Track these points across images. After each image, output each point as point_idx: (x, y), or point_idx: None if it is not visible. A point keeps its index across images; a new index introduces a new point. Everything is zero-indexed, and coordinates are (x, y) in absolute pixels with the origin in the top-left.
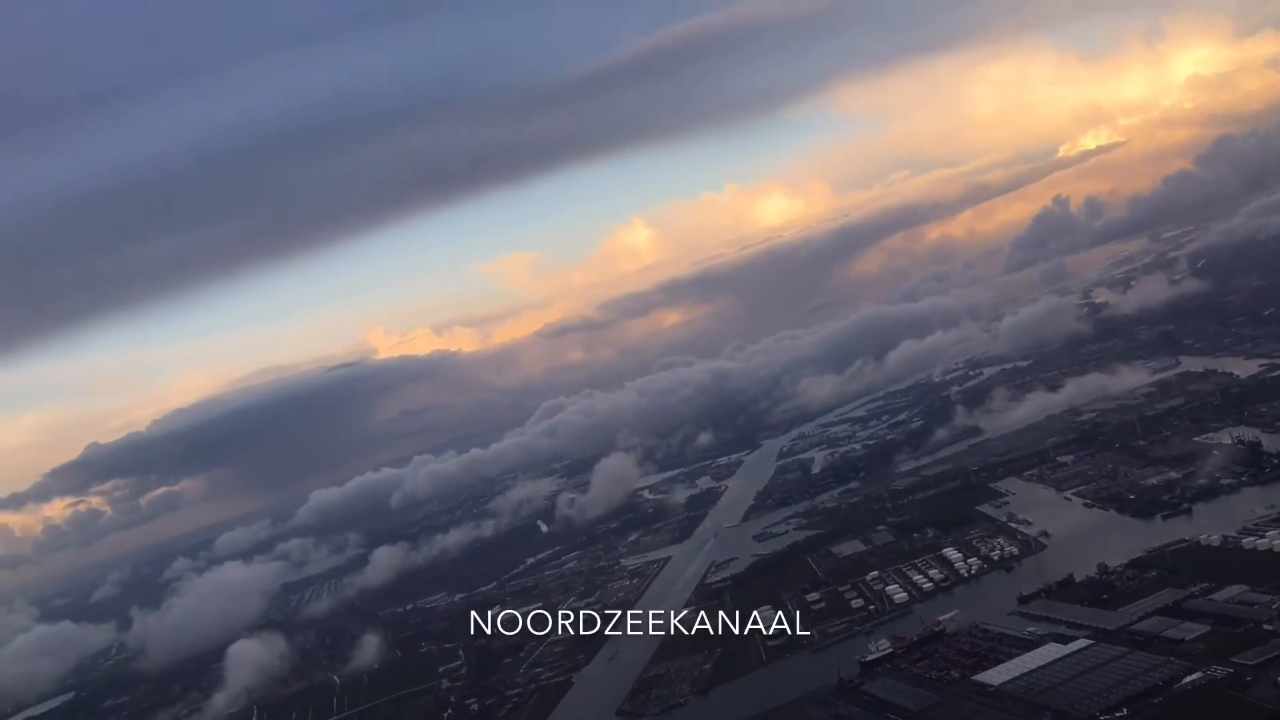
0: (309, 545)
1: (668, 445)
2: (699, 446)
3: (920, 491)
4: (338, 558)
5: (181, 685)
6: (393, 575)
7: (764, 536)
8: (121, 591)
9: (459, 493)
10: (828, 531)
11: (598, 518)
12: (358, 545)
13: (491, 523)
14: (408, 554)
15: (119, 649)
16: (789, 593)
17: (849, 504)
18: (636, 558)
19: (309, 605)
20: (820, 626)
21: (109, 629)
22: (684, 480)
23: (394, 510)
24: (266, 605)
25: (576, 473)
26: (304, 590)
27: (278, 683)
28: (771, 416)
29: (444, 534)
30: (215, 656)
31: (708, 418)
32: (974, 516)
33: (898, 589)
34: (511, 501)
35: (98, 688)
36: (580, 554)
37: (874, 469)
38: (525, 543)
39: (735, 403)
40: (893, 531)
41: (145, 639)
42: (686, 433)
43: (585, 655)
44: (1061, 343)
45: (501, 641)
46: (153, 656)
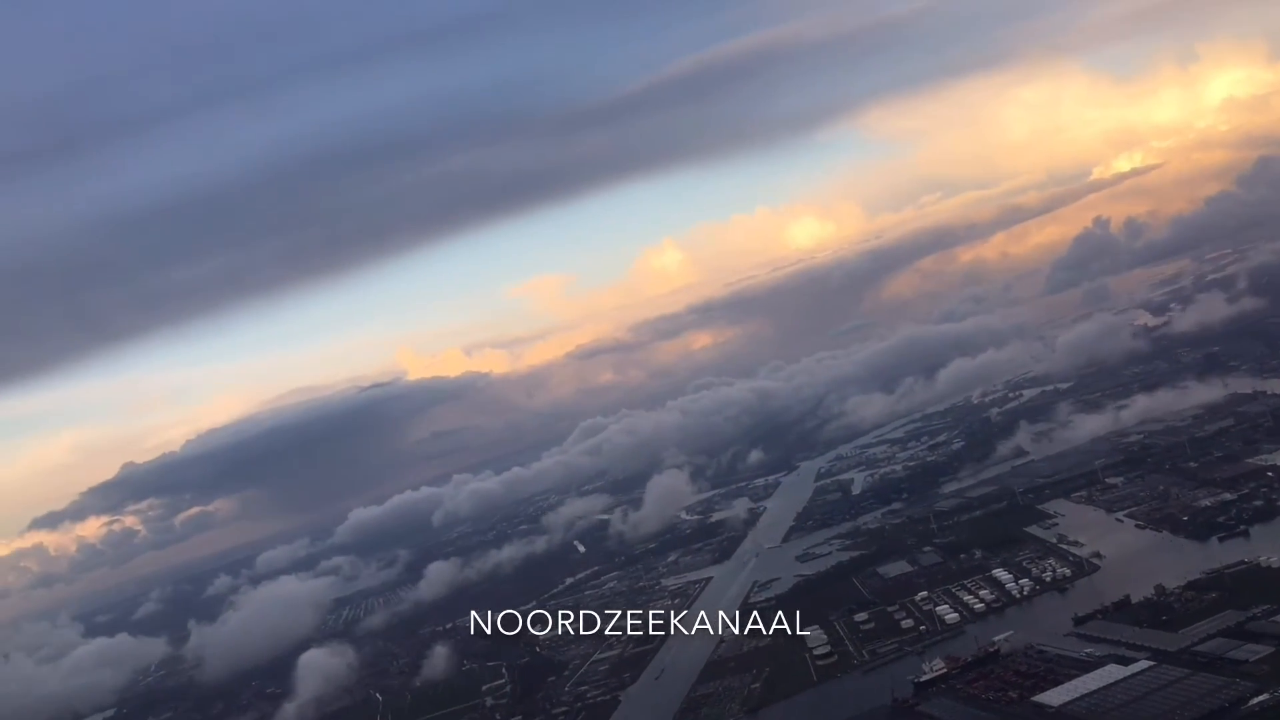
0: (358, 562)
1: (718, 462)
2: (751, 464)
3: (965, 513)
4: (386, 574)
5: (250, 694)
6: (443, 591)
7: (806, 557)
8: (165, 608)
9: (499, 512)
10: (872, 552)
11: (647, 535)
12: (405, 562)
13: (532, 541)
14: (458, 570)
15: (175, 661)
16: (836, 613)
17: (892, 525)
18: (677, 578)
19: (356, 621)
20: (870, 647)
21: (162, 642)
22: (720, 502)
23: (435, 528)
24: (319, 619)
25: (620, 490)
26: (352, 605)
27: (317, 700)
28: (822, 434)
29: (484, 552)
30: (273, 668)
31: (753, 436)
32: (1023, 538)
33: (948, 609)
34: (561, 519)
35: (158, 697)
36: (619, 574)
37: (916, 490)
38: (563, 562)
39: (780, 422)
40: (939, 552)
41: (203, 651)
42: (737, 450)
43: (631, 674)
44: (1117, 360)
45: (545, 659)
46: (210, 668)
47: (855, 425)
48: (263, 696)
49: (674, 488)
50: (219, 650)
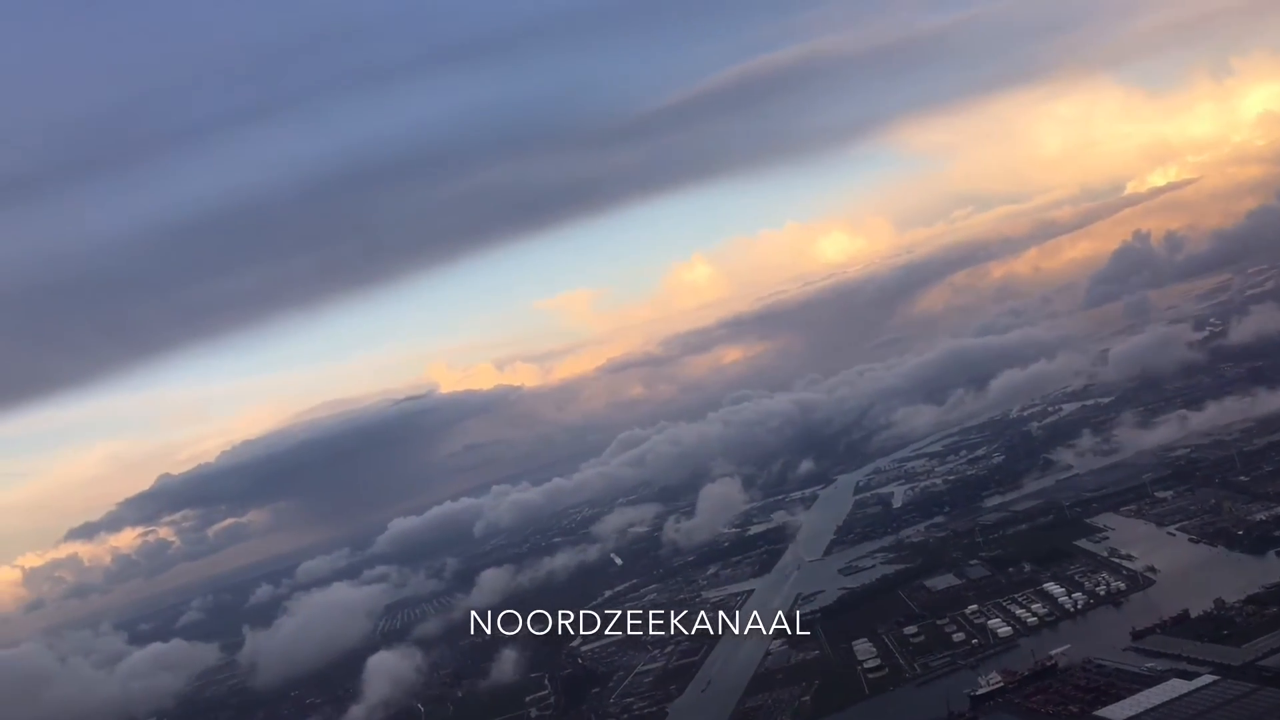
0: (406, 570)
1: (768, 472)
2: (801, 473)
3: (1011, 526)
4: (434, 582)
5: (289, 705)
6: (482, 601)
7: (849, 570)
8: (207, 617)
9: (541, 522)
10: (917, 565)
11: (700, 544)
12: (453, 571)
13: (578, 551)
14: (494, 582)
15: (230, 667)
16: (884, 625)
17: (936, 538)
18: (717, 590)
19: (406, 628)
20: (922, 660)
21: (214, 648)
22: (758, 515)
23: (477, 539)
24: (371, 626)
25: (666, 499)
26: (403, 612)
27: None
28: (871, 444)
29: (525, 563)
30: (326, 674)
31: (798, 447)
32: (1072, 551)
33: (1000, 623)
34: (609, 527)
35: (210, 703)
36: (658, 586)
37: (958, 504)
38: (601, 575)
39: (823, 433)
40: (987, 565)
41: (256, 657)
42: (788, 459)
43: (677, 686)
44: (1172, 372)
45: (587, 670)
46: (264, 674)
47: (905, 435)
48: (302, 706)
49: (727, 496)
50: (272, 656)
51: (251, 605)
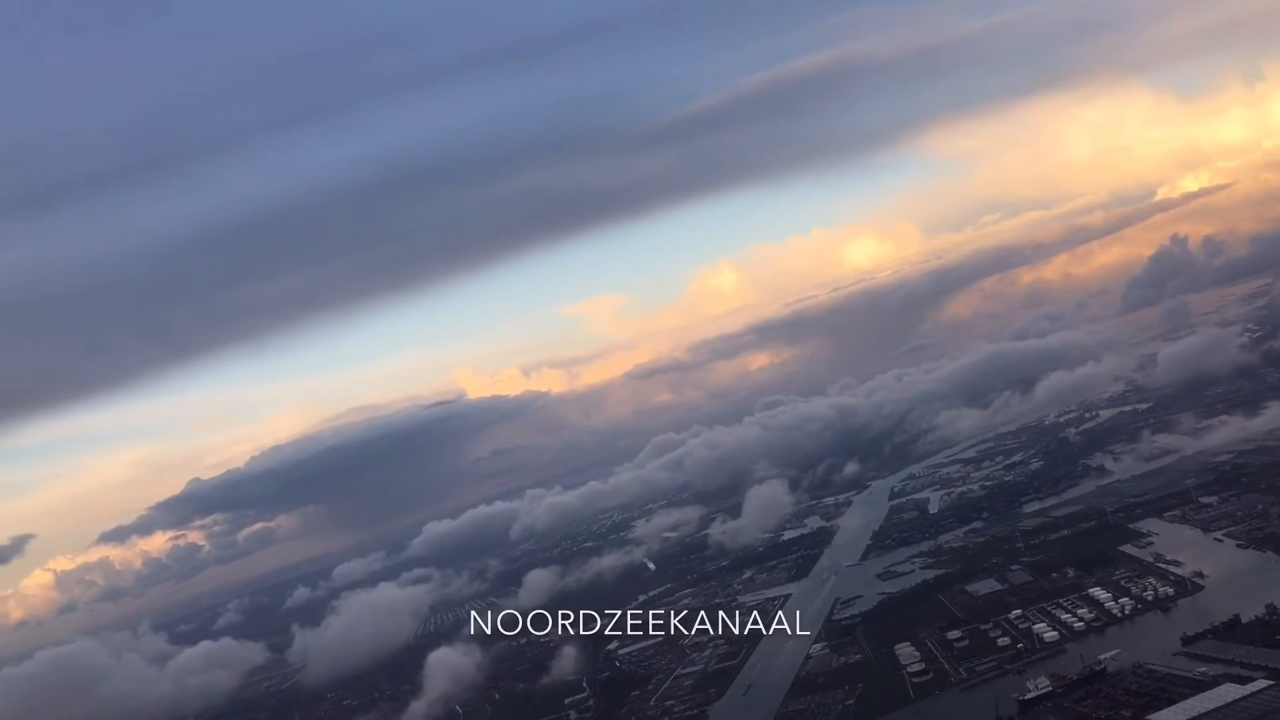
0: (449, 572)
1: (813, 474)
2: (847, 475)
3: (1052, 532)
4: (476, 584)
5: (326, 706)
6: (543, 598)
7: (888, 575)
8: (244, 618)
9: (577, 526)
10: (957, 571)
11: (746, 545)
12: (494, 573)
13: (616, 553)
14: (533, 587)
15: (279, 665)
16: (926, 630)
17: (975, 543)
18: (754, 595)
19: (448, 630)
20: (967, 664)
21: (261, 647)
22: (791, 520)
23: (513, 541)
24: (417, 626)
25: (702, 502)
26: (444, 613)
27: (396, 711)
28: (917, 447)
29: (560, 567)
30: (376, 671)
31: (838, 450)
32: (1117, 557)
33: (1046, 628)
34: (653, 529)
35: (273, 696)
36: (693, 591)
37: (997, 509)
38: (635, 579)
39: (863, 437)
40: (1029, 571)
41: (306, 655)
42: (833, 461)
43: (717, 689)
44: (1225, 374)
45: (625, 674)
46: (313, 672)
47: (950, 438)
48: (339, 708)
49: (774, 498)
50: (321, 654)
51: (289, 607)
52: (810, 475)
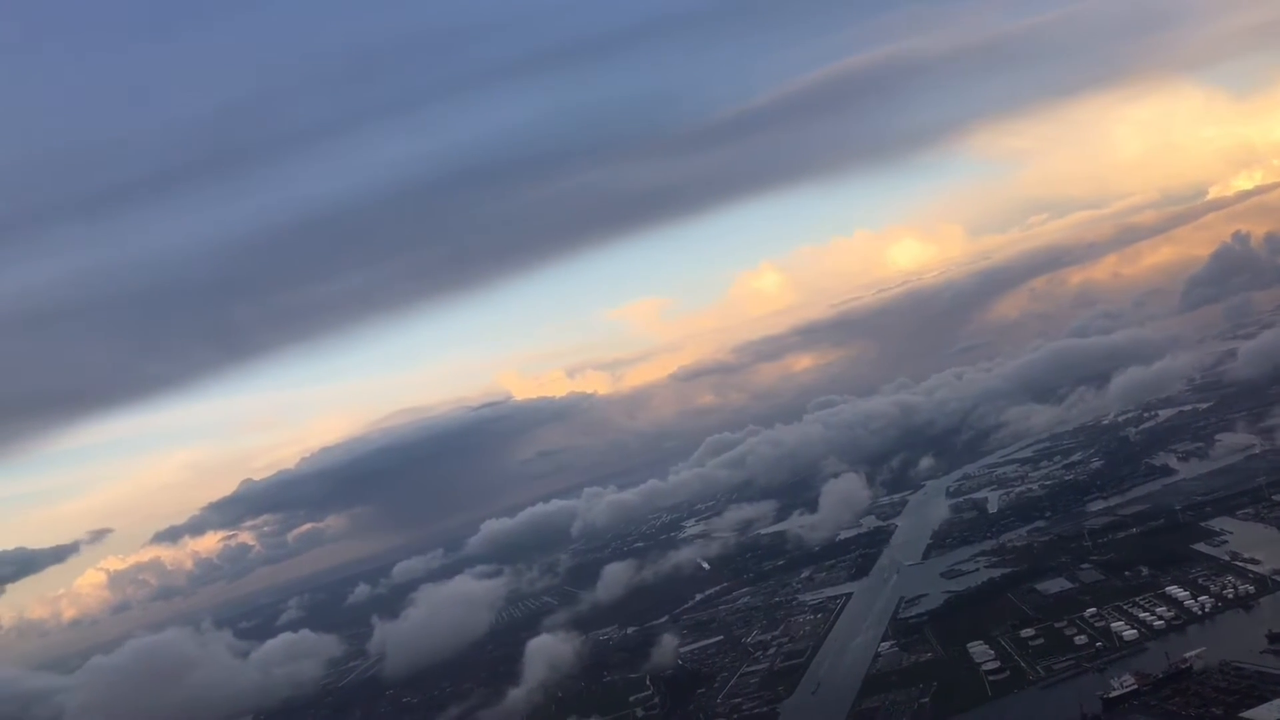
0: (520, 568)
1: (889, 468)
2: (921, 469)
3: (1120, 530)
4: (547, 578)
5: (386, 703)
6: (620, 591)
7: (952, 574)
8: (306, 614)
9: (638, 522)
10: (1024, 569)
11: (823, 540)
12: (564, 567)
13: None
14: (634, 572)
15: (358, 656)
16: (998, 628)
17: (1040, 542)
18: (813, 593)
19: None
20: (1044, 663)
21: (335, 639)
22: (848, 520)
23: (573, 538)
24: (493, 619)
25: (766, 498)
26: (518, 605)
27: (460, 706)
28: (989, 441)
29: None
30: (452, 662)
31: (903, 447)
32: (1190, 555)
33: (1125, 626)
34: (725, 523)
35: (357, 686)
36: (751, 590)
37: (1059, 508)
38: (691, 579)
39: (926, 434)
40: (1100, 570)
41: (386, 646)
42: (907, 456)
43: (785, 687)
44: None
45: (689, 672)
46: (392, 663)
47: (1022, 433)
48: (399, 706)
49: (851, 492)
50: (401, 646)
51: (352, 603)
52: (885, 469)
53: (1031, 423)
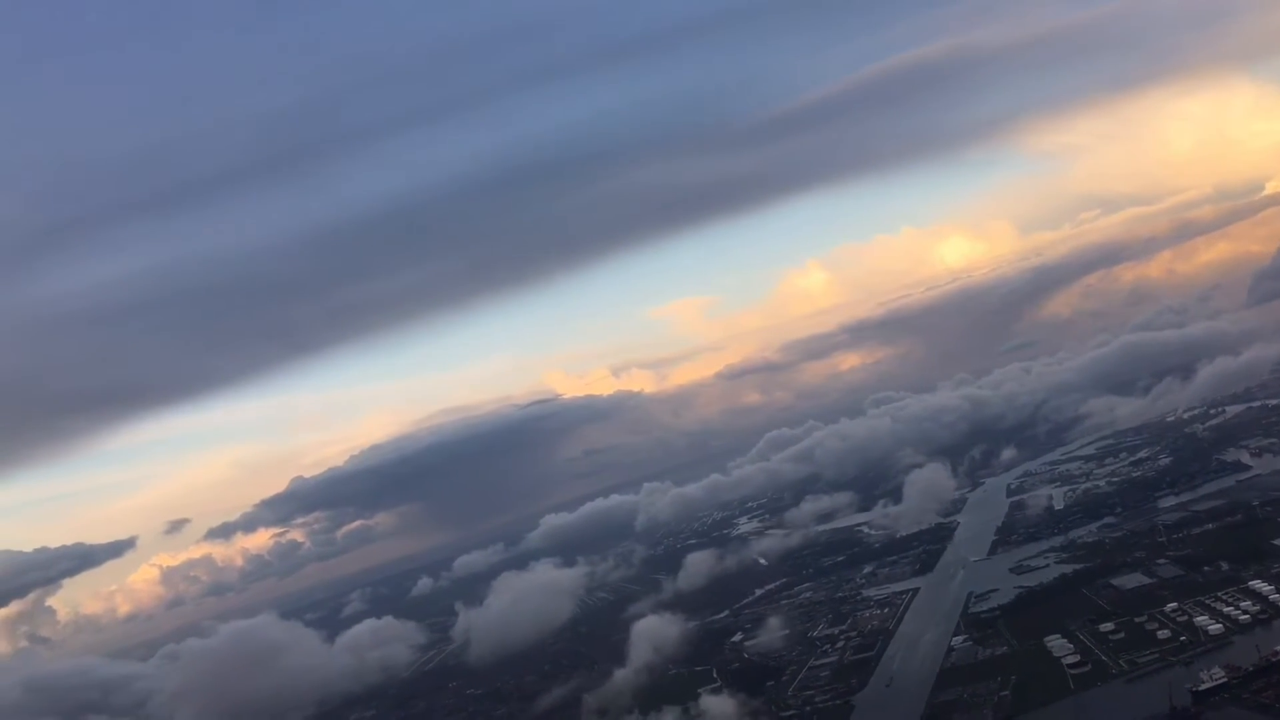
0: (596, 559)
1: (971, 458)
2: (1003, 460)
3: (1195, 526)
4: (622, 569)
5: (449, 695)
6: (702, 580)
7: (1021, 569)
8: (368, 607)
9: (703, 516)
10: (1096, 565)
11: (908, 532)
12: (639, 558)
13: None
14: (716, 561)
15: (443, 642)
16: (1075, 623)
17: (1112, 538)
18: (878, 589)
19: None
20: (1126, 656)
21: (414, 626)
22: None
23: (638, 532)
24: (574, 607)
25: (837, 491)
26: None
27: (520, 700)
28: (1072, 432)
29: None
30: (536, 650)
31: (976, 439)
32: (1271, 550)
33: (1209, 620)
34: (803, 515)
35: (448, 671)
36: (812, 585)
37: (1128, 505)
38: (749, 574)
39: (997, 428)
40: (1178, 565)
41: (470, 633)
42: (988, 447)
43: (857, 680)
44: None
45: (756, 665)
46: (476, 649)
47: (1105, 425)
48: (463, 697)
49: (936, 482)
50: (486, 632)
51: (415, 596)
52: (969, 460)
53: (1115, 414)
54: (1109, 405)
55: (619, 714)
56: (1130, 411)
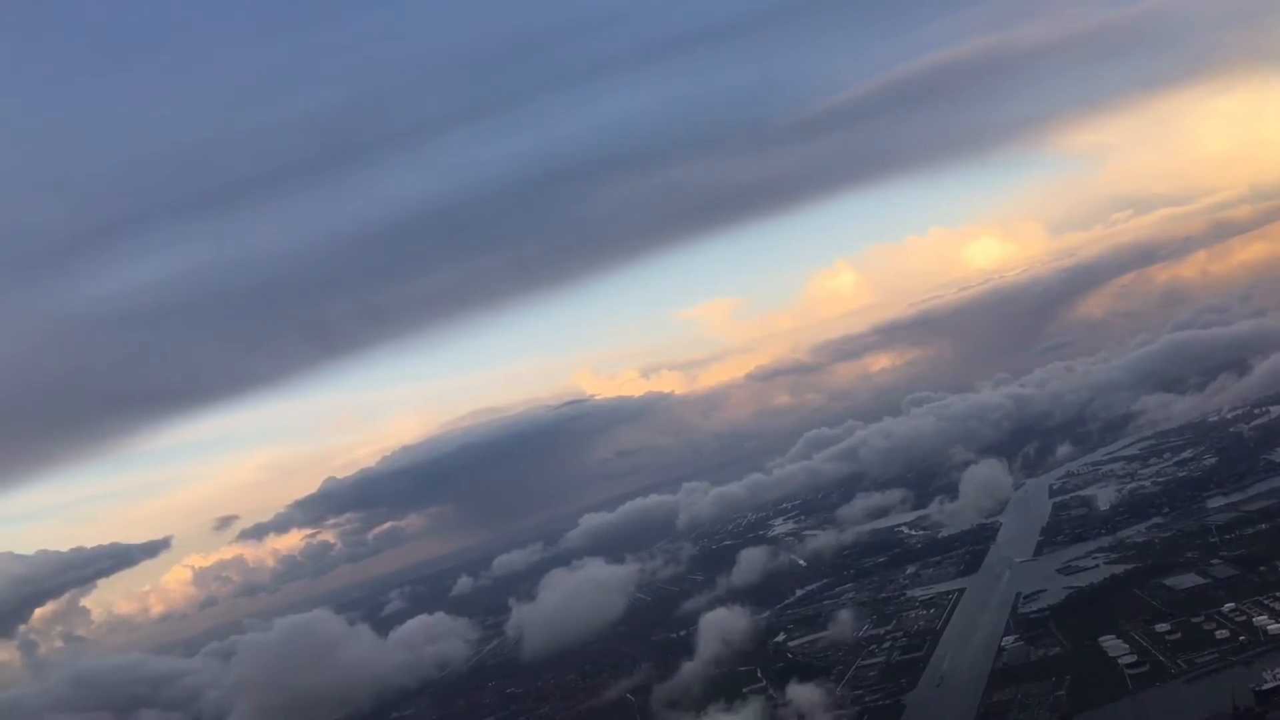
0: (643, 555)
1: (1026, 455)
2: (1059, 455)
3: (1248, 526)
4: (673, 566)
5: (490, 694)
6: (756, 576)
7: (1070, 570)
8: (411, 605)
9: (746, 515)
10: (1148, 565)
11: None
12: (686, 555)
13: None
14: (770, 557)
15: (495, 637)
16: (1129, 623)
17: (1162, 538)
18: (923, 589)
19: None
20: (1185, 656)
21: (466, 622)
22: (946, 519)
23: (679, 530)
24: (627, 603)
25: (879, 489)
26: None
27: (565, 702)
28: (1127, 428)
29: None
30: (589, 646)
31: (1022, 438)
32: None
33: (1269, 620)
34: (855, 511)
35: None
36: (854, 586)
37: (1176, 505)
38: (787, 576)
39: (1044, 426)
40: (1233, 564)
41: (523, 629)
42: (1043, 443)
43: (907, 680)
44: None
45: (802, 665)
46: (529, 644)
47: (1160, 421)
48: (503, 696)
49: (993, 478)
50: (539, 627)
51: (456, 595)
52: (1020, 457)
53: (1170, 410)
54: (1163, 402)
55: (664, 714)
56: (1185, 407)
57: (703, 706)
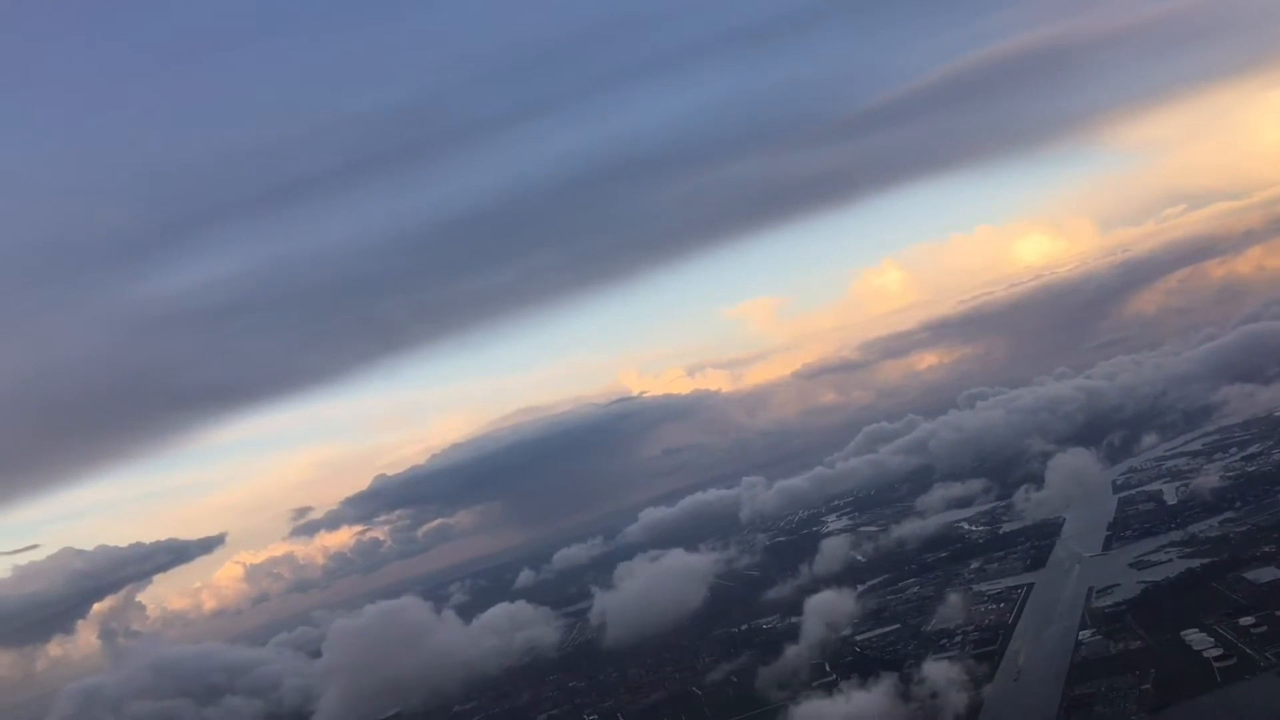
0: (716, 544)
1: (1110, 444)
2: (1144, 445)
3: None
4: (748, 557)
5: (550, 688)
6: (838, 566)
7: (1142, 564)
8: (472, 598)
9: (812, 507)
10: (1225, 559)
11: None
12: (760, 546)
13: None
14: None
15: (579, 625)
16: (1211, 617)
17: (1237, 532)
18: (989, 584)
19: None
20: (1274, 650)
21: (549, 611)
22: (1005, 513)
23: (743, 524)
24: (706, 592)
25: (949, 481)
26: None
27: (627, 695)
28: (1210, 419)
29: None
30: (669, 634)
31: (1096, 430)
32: None
33: None
34: (935, 501)
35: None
36: (918, 580)
37: (1249, 499)
38: (852, 567)
39: (1116, 418)
40: None
41: (606, 616)
42: (1128, 432)
43: (984, 673)
44: None
45: (873, 659)
46: (612, 632)
47: (1243, 410)
48: (563, 690)
49: (1082, 467)
50: (622, 615)
51: (519, 588)
52: (1109, 444)
53: (1258, 400)
54: (1245, 392)
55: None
56: (1270, 397)
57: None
